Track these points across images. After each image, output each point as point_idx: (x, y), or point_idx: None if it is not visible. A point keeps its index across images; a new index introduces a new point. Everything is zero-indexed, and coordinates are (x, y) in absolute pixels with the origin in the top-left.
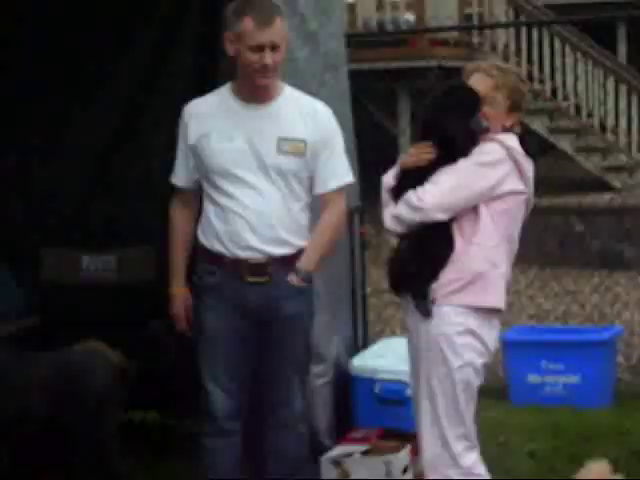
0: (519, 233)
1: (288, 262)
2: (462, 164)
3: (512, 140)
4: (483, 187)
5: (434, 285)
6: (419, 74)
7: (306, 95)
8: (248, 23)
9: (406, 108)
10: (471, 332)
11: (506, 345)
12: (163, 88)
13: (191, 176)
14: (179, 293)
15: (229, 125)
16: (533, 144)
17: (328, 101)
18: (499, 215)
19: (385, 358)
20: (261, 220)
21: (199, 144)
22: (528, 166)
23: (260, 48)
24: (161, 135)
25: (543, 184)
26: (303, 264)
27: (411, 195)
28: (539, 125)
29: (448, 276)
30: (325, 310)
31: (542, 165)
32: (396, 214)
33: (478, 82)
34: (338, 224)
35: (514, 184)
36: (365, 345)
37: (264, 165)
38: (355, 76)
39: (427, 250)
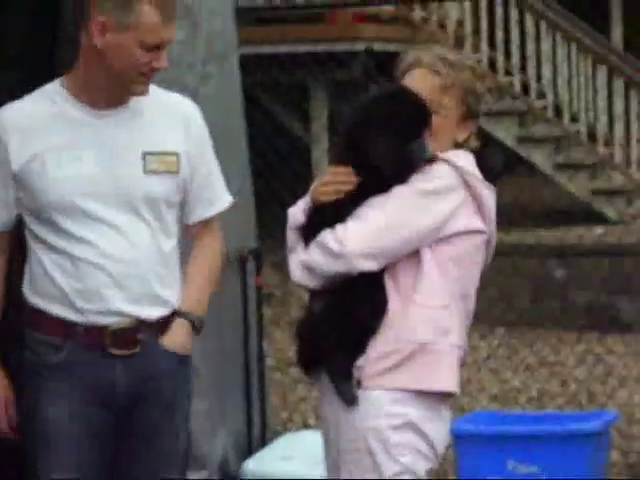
0: (477, 286)
1: (162, 327)
2: (398, 192)
3: (466, 159)
4: (426, 225)
5: (360, 361)
6: (340, 61)
7: (169, 92)
8: (149, 13)
9: (322, 107)
10: (412, 426)
11: (459, 439)
12: None
13: (9, 215)
14: None
15: (72, 141)
16: (496, 159)
17: (211, 101)
18: (449, 263)
19: (292, 460)
20: (128, 271)
21: (27, 171)
22: (489, 195)
23: (157, 47)
24: None
25: (508, 213)
26: (192, 306)
27: (327, 236)
28: (505, 133)
29: (380, 349)
30: (206, 394)
31: (508, 187)
32: (307, 262)
33: (419, 82)
34: (221, 259)
35: (469, 220)
36: (264, 442)
37: (126, 192)
38: (250, 64)
39: (350, 312)
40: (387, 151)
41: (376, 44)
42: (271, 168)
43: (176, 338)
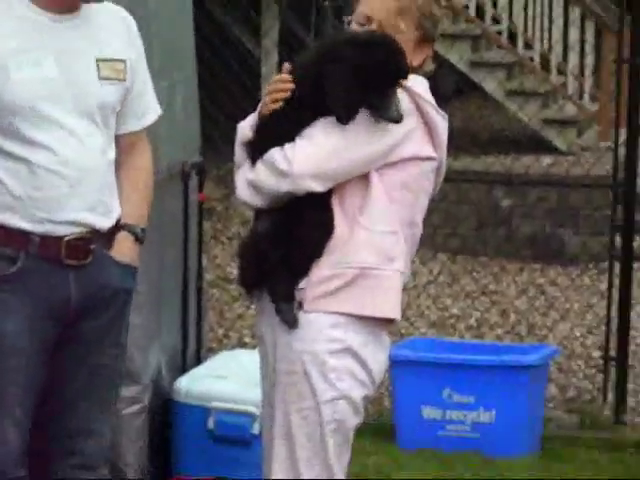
0: (424, 213)
1: (110, 238)
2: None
3: (421, 85)
4: (377, 149)
5: (303, 283)
6: None
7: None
8: None
9: (273, 21)
10: (350, 352)
11: (394, 365)
12: None
13: None
14: None
15: (31, 45)
16: (447, 83)
17: (161, 10)
18: (397, 188)
19: (226, 379)
20: (85, 178)
21: None
22: (441, 122)
23: None
24: None
25: (457, 139)
26: (134, 218)
27: (275, 155)
28: (457, 56)
29: (322, 272)
30: (142, 308)
31: (457, 112)
32: (253, 180)
33: (374, 4)
34: (152, 172)
35: (420, 147)
36: (199, 360)
37: (84, 98)
38: None
39: (295, 234)
40: (345, 99)
41: None
42: (218, 80)
43: (125, 250)
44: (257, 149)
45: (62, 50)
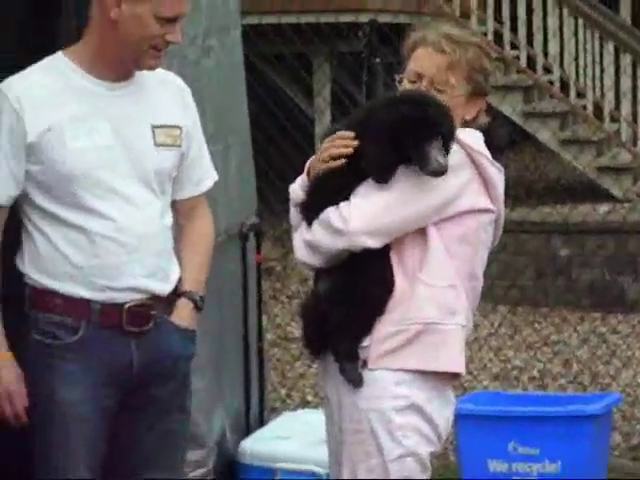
0: (484, 266)
1: (170, 302)
2: (403, 170)
3: (474, 137)
4: (431, 203)
5: (366, 341)
6: (344, 33)
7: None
8: None
9: (325, 80)
10: (416, 409)
11: (459, 419)
12: None
13: (17, 188)
14: (7, 360)
15: (85, 113)
16: (501, 134)
17: (213, 74)
18: (455, 242)
19: (290, 440)
20: (143, 245)
21: (44, 142)
22: (497, 175)
23: (172, 20)
24: None
25: (513, 190)
26: (193, 285)
27: (331, 213)
28: (510, 108)
29: (385, 329)
30: (204, 371)
31: (512, 163)
32: (311, 240)
33: (424, 61)
34: (213, 236)
35: (476, 199)
36: (262, 420)
37: (141, 165)
38: (252, 34)
39: (355, 292)
40: (378, 161)
41: (380, 16)
42: (273, 142)
43: (184, 316)
44: (312, 209)
45: (118, 118)
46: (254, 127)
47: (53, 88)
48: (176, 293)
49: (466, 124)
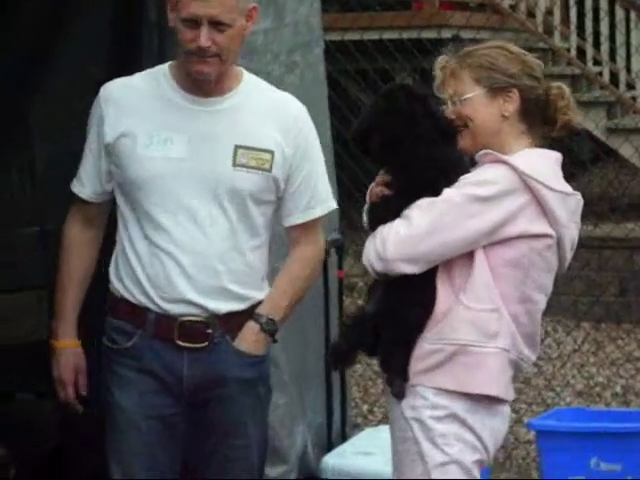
0: (547, 288)
1: (233, 324)
2: (448, 196)
3: (533, 161)
4: (474, 231)
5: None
6: (426, 49)
7: (274, 87)
8: None
9: None
10: (456, 418)
11: (541, 436)
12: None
13: (102, 185)
14: (65, 348)
15: (165, 123)
16: (584, 150)
17: (296, 91)
18: (503, 265)
19: (372, 456)
20: (197, 262)
21: (118, 145)
22: (555, 199)
23: (195, 23)
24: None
25: (597, 206)
26: (266, 309)
27: (377, 235)
28: (593, 124)
29: (423, 347)
30: (286, 387)
31: (596, 179)
32: (363, 251)
33: (443, 85)
34: (316, 265)
35: (528, 224)
36: (344, 437)
37: (212, 182)
38: (335, 51)
39: (397, 315)
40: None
41: (463, 32)
42: (355, 158)
43: (247, 338)
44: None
45: (197, 133)
46: (337, 143)
47: (143, 95)
48: (248, 314)
49: (546, 137)
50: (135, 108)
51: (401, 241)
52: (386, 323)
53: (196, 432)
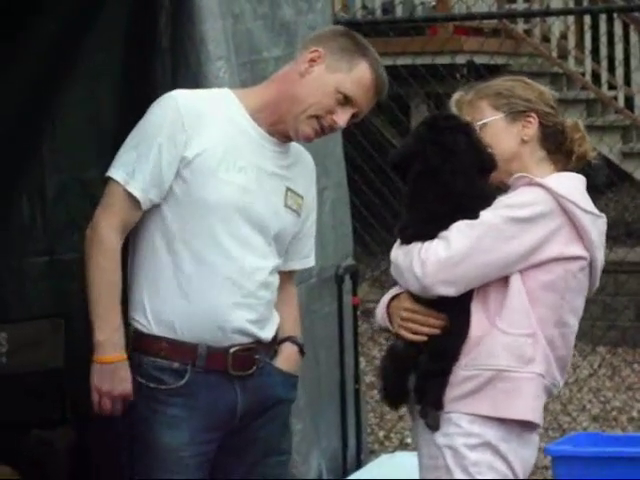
0: (580, 311)
1: (270, 346)
2: (486, 219)
3: (567, 184)
4: (512, 253)
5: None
6: (441, 75)
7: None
8: (365, 70)
9: (421, 119)
10: (489, 446)
11: (557, 461)
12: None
13: (159, 194)
14: (126, 361)
15: (240, 151)
16: (600, 174)
17: None
18: (540, 289)
19: None
20: (257, 293)
21: (198, 161)
22: (590, 221)
23: (348, 102)
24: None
25: (612, 230)
26: (294, 331)
27: (415, 253)
28: (608, 148)
29: (459, 373)
30: (301, 413)
31: (611, 203)
32: (395, 264)
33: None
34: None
35: (564, 247)
36: (359, 463)
37: (268, 218)
38: None
39: (431, 343)
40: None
41: (477, 57)
42: (370, 184)
43: (289, 359)
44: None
45: (262, 168)
46: (352, 169)
47: (218, 115)
48: (277, 340)
49: (581, 159)
50: (215, 126)
51: (440, 262)
52: (421, 353)
53: (230, 455)
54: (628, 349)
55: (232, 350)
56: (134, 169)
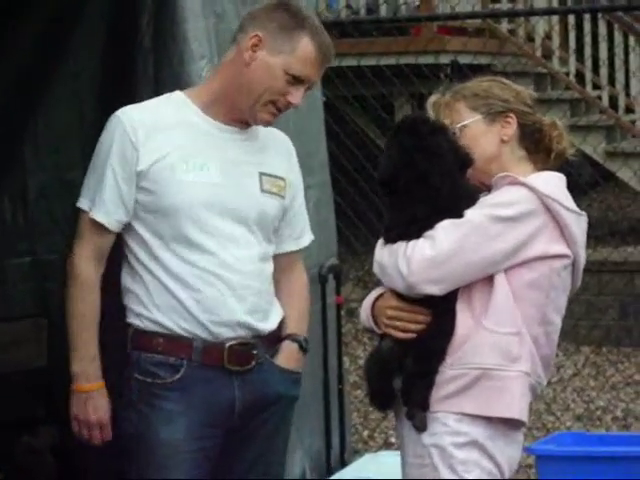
0: (563, 310)
1: (271, 343)
2: (471, 217)
3: (549, 183)
4: (498, 252)
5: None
6: (424, 75)
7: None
8: (307, 46)
9: None
10: (476, 445)
11: (541, 460)
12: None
13: (127, 214)
14: (101, 390)
15: (197, 149)
16: (583, 174)
17: (292, 116)
18: (525, 287)
19: None
20: (246, 283)
21: (155, 171)
22: (573, 220)
23: (299, 82)
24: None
25: (596, 230)
26: (295, 328)
27: (400, 250)
28: (591, 148)
29: (446, 373)
30: None
31: (594, 203)
32: (380, 262)
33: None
34: (308, 288)
35: (548, 245)
36: (343, 462)
37: (245, 208)
38: (333, 77)
39: (417, 348)
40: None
41: (461, 57)
42: (354, 183)
43: (289, 357)
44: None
45: (227, 160)
46: (335, 169)
47: (168, 121)
48: (279, 336)
49: (559, 156)
50: (165, 133)
51: (426, 261)
52: (407, 354)
53: (231, 452)
54: (612, 348)
55: (228, 344)
56: (95, 196)
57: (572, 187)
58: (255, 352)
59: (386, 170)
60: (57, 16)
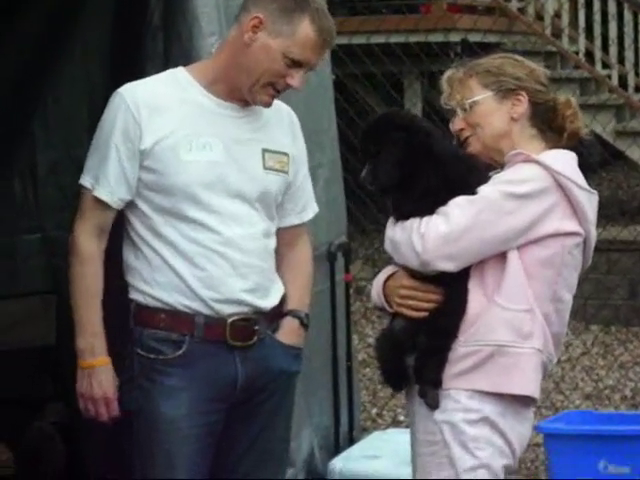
0: (574, 288)
1: (273, 319)
2: (486, 194)
3: (562, 161)
4: (511, 228)
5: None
6: (434, 53)
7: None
8: (306, 29)
9: (415, 100)
10: (488, 422)
11: (549, 439)
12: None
13: (130, 192)
14: (107, 365)
15: (200, 127)
16: (593, 153)
17: (302, 94)
18: (537, 265)
19: (379, 459)
20: (248, 261)
21: (158, 150)
22: (585, 198)
23: (298, 65)
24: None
25: (605, 209)
26: (296, 303)
27: (415, 225)
28: (601, 127)
29: (459, 350)
30: None
31: (604, 182)
32: (393, 239)
33: (449, 94)
34: (312, 265)
35: (560, 223)
36: (352, 440)
37: (247, 184)
38: (343, 55)
39: (430, 326)
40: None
41: (471, 35)
42: (364, 162)
43: (290, 332)
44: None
45: (230, 137)
46: (345, 147)
47: (171, 99)
48: (280, 312)
49: (573, 136)
50: (168, 112)
51: (440, 237)
52: (419, 333)
53: (233, 428)
54: (621, 327)
55: (230, 320)
56: (98, 173)
57: (582, 166)
58: (257, 328)
59: (390, 175)
60: None
